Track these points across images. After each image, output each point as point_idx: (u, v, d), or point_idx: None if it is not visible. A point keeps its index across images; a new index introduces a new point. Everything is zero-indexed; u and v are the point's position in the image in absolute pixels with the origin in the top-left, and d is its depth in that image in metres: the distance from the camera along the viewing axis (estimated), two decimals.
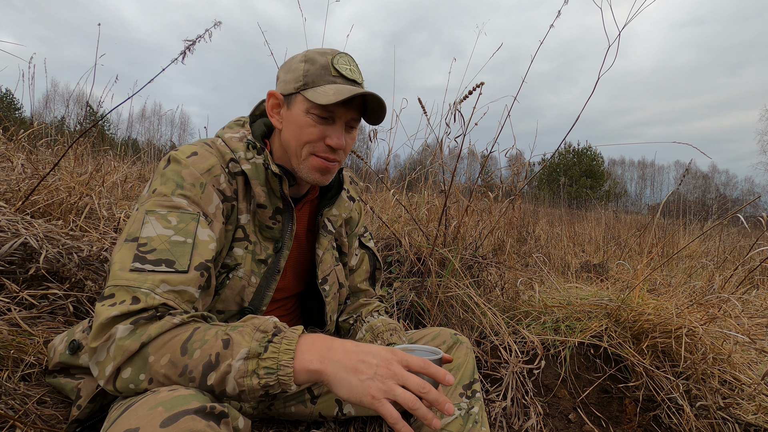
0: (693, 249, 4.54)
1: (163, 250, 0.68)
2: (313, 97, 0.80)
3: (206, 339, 0.62)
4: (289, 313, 1.05)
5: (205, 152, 0.81)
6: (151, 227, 0.70)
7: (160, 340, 0.62)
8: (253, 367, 0.60)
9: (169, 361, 0.61)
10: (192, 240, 0.71)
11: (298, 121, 0.83)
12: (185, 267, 0.69)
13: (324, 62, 0.83)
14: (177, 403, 0.53)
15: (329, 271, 1.01)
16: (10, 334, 1.01)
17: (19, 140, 2.04)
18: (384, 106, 0.85)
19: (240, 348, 0.61)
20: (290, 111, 0.85)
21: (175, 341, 0.62)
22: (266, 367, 0.60)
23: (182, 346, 0.61)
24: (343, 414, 1.05)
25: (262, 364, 0.60)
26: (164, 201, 0.73)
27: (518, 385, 1.39)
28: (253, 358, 0.60)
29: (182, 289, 0.68)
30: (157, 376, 0.61)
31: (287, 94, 0.85)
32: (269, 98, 0.88)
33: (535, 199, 6.96)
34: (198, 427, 0.51)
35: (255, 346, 0.61)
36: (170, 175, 0.76)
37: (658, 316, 1.56)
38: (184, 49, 1.39)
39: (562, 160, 29.14)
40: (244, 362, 0.60)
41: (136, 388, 0.61)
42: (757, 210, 7.13)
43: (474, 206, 2.07)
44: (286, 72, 0.86)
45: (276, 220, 0.89)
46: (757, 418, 1.37)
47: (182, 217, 0.73)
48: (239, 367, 0.60)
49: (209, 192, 0.78)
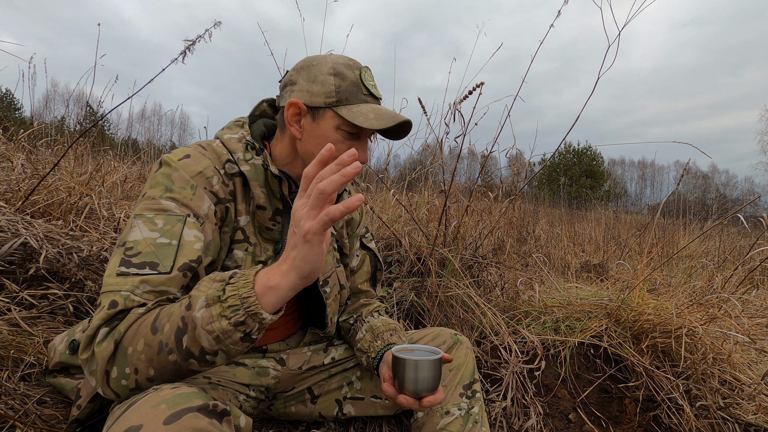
0: (693, 249, 4.54)
1: (148, 253, 0.69)
2: (352, 118, 0.80)
3: (171, 312, 0.63)
4: (289, 315, 1.05)
5: (198, 155, 0.81)
6: (138, 231, 0.71)
7: (131, 331, 0.62)
8: (218, 311, 0.59)
9: (144, 344, 0.61)
10: (177, 241, 0.72)
11: (326, 136, 0.82)
12: (168, 268, 0.69)
13: (354, 78, 0.83)
14: (179, 400, 0.53)
15: (330, 273, 1.01)
16: (10, 334, 1.01)
17: (19, 140, 2.04)
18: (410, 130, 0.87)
19: (197, 299, 0.61)
20: (317, 124, 0.83)
21: (144, 326, 0.62)
22: (230, 306, 0.60)
23: (151, 326, 0.62)
24: (343, 414, 1.05)
25: (225, 305, 0.60)
26: (152, 204, 0.74)
27: (518, 385, 1.39)
28: (214, 304, 0.60)
29: (162, 290, 0.68)
30: (140, 364, 0.61)
31: (314, 107, 0.83)
32: (290, 107, 0.84)
33: (535, 199, 6.96)
34: (200, 424, 0.52)
35: (212, 292, 0.61)
36: (160, 178, 0.77)
37: (658, 316, 1.56)
38: (184, 49, 1.39)
39: (562, 160, 29.14)
40: (206, 309, 0.60)
41: (129, 383, 0.62)
42: (757, 210, 7.14)
43: (474, 206, 2.07)
44: (311, 82, 0.83)
45: (276, 221, 0.89)
46: (757, 418, 1.37)
47: (168, 219, 0.73)
48: (202, 316, 0.59)
49: (200, 194, 0.78)
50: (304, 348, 1.06)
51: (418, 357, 0.76)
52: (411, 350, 0.81)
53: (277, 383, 1.01)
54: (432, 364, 0.76)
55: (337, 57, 0.85)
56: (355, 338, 1.04)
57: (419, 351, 0.81)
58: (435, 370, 0.76)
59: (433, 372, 0.76)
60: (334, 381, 1.06)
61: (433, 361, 0.76)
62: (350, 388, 1.06)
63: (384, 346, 0.95)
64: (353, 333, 1.07)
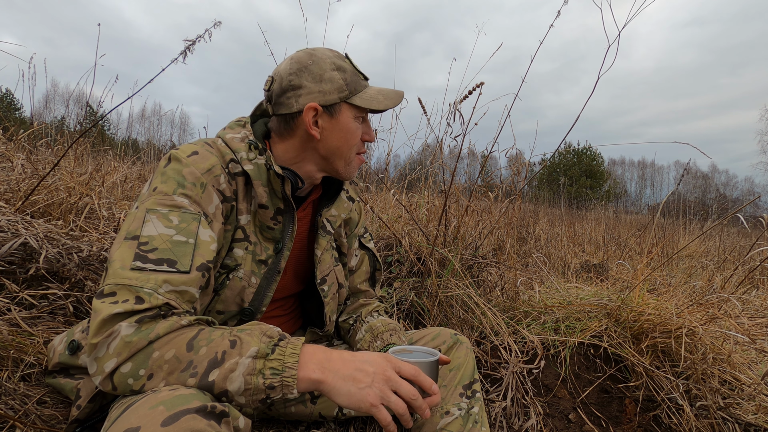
0: (693, 249, 4.54)
1: (165, 250, 0.68)
2: (367, 104, 0.86)
3: (212, 338, 0.63)
4: (288, 313, 1.05)
5: (206, 152, 0.81)
6: (152, 226, 0.70)
7: (167, 338, 0.62)
8: (261, 366, 0.61)
9: (174, 356, 0.61)
10: (194, 240, 0.71)
11: (348, 128, 0.88)
12: (187, 267, 0.69)
13: (350, 68, 0.88)
14: (178, 402, 0.53)
15: (328, 272, 1.01)
16: (10, 334, 1.01)
17: (19, 140, 2.04)
18: None
19: (250, 347, 0.62)
20: (336, 120, 0.87)
21: (181, 338, 0.62)
22: (272, 367, 0.61)
23: (188, 343, 0.62)
24: (343, 414, 1.05)
25: (269, 364, 0.61)
26: (165, 200, 0.73)
27: (518, 385, 1.39)
28: (261, 358, 0.62)
29: (184, 290, 0.68)
30: (158, 372, 0.60)
31: (330, 105, 0.85)
32: (308, 112, 0.84)
33: (535, 199, 6.96)
34: (199, 426, 0.51)
35: (263, 346, 0.63)
36: (171, 174, 0.76)
37: (658, 316, 1.56)
38: (184, 49, 1.39)
39: (562, 160, 29.13)
40: (253, 360, 0.61)
41: (134, 384, 0.61)
42: (757, 210, 7.13)
43: (474, 206, 2.07)
44: (318, 82, 0.84)
45: (277, 220, 0.89)
46: (757, 418, 1.37)
47: (184, 216, 0.73)
48: (248, 364, 0.61)
49: (209, 192, 0.78)
50: None
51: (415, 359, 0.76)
52: (409, 351, 0.81)
53: None
54: (429, 366, 0.76)
55: (325, 51, 0.89)
56: (355, 338, 1.04)
57: (417, 352, 0.81)
58: (432, 372, 0.76)
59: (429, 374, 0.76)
60: None
61: (430, 362, 0.76)
62: None
63: (383, 346, 0.95)
64: (353, 333, 1.07)
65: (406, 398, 0.65)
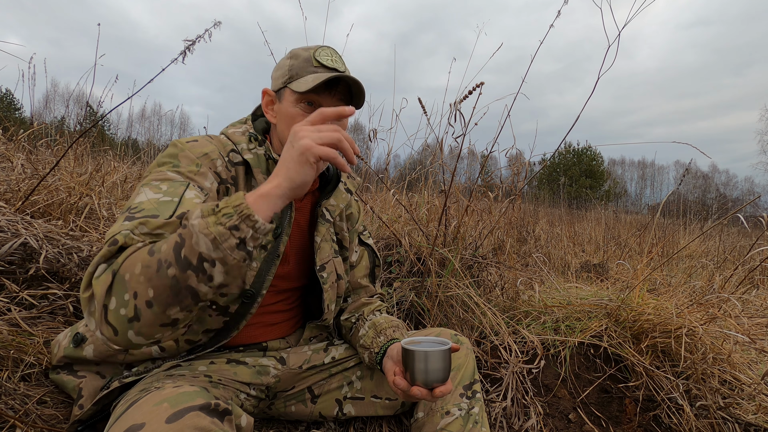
0: (693, 249, 4.54)
1: (151, 209, 0.71)
2: (296, 87, 0.87)
3: (167, 237, 0.64)
4: (292, 308, 1.06)
5: (205, 141, 0.88)
6: (143, 195, 0.74)
7: (128, 260, 0.63)
8: (213, 219, 0.60)
9: (142, 266, 0.61)
10: (178, 199, 0.74)
11: (288, 113, 0.89)
12: (167, 216, 0.71)
13: (306, 56, 0.90)
14: (182, 399, 0.54)
15: (327, 260, 1.02)
16: (10, 334, 1.01)
17: (19, 140, 2.04)
18: (362, 88, 0.90)
19: (193, 215, 0.62)
20: (281, 105, 0.91)
21: (139, 252, 0.63)
22: (224, 213, 0.60)
23: (149, 251, 0.63)
24: (343, 414, 1.06)
25: (219, 214, 0.60)
26: (159, 175, 0.79)
27: (518, 385, 1.39)
28: (209, 215, 0.60)
29: (159, 233, 0.68)
30: (138, 286, 0.60)
31: (277, 90, 0.92)
32: (263, 96, 0.94)
33: (535, 199, 6.96)
34: (202, 423, 0.52)
35: (206, 206, 0.62)
36: (167, 158, 0.82)
37: (658, 316, 1.56)
38: (184, 49, 1.40)
39: (562, 160, 29.12)
40: (202, 219, 0.60)
41: (127, 311, 0.61)
42: (757, 210, 7.13)
43: (474, 206, 2.07)
44: (276, 70, 0.93)
45: None
46: (757, 418, 1.37)
47: (173, 184, 0.77)
48: (198, 223, 0.60)
49: (204, 171, 0.83)
50: (304, 347, 1.07)
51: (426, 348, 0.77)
52: (418, 342, 0.82)
53: (277, 382, 1.01)
54: (442, 355, 0.77)
55: (308, 46, 0.92)
56: (357, 335, 1.05)
57: (426, 343, 0.82)
58: (445, 361, 0.78)
59: (443, 362, 0.77)
60: (334, 381, 1.06)
61: (443, 351, 0.77)
62: (350, 388, 1.06)
63: (387, 341, 0.96)
64: (355, 331, 1.08)
65: (331, 134, 0.65)
